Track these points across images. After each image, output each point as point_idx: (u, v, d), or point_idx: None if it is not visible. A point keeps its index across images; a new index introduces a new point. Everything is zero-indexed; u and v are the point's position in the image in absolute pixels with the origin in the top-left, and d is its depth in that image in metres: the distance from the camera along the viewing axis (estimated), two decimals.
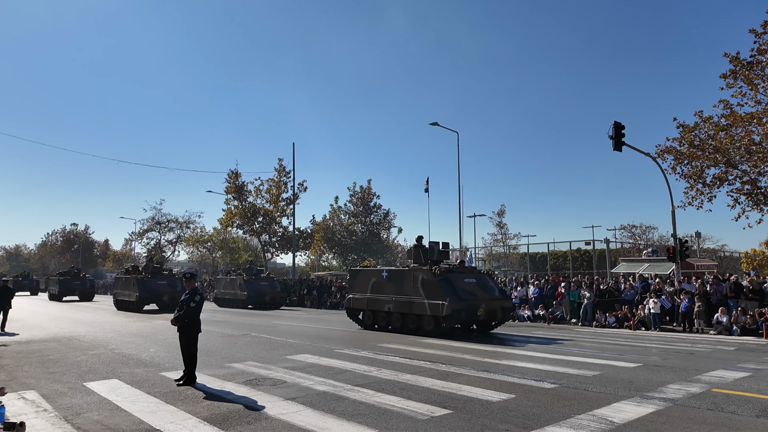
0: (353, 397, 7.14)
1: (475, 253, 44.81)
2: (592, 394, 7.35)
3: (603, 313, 19.46)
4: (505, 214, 50.04)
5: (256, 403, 6.84)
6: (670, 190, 20.50)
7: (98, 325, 18.77)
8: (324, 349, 12.19)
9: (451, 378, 8.47)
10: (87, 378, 8.66)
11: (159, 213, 65.27)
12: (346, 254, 45.18)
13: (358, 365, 9.75)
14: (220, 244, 61.18)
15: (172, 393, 7.48)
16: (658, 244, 38.85)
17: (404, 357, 10.85)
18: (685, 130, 20.97)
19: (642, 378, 8.61)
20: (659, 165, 20.80)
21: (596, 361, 10.39)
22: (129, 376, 8.75)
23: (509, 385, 7.96)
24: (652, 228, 47.87)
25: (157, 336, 15.13)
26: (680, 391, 7.61)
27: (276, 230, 47.99)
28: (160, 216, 65.24)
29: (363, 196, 45.24)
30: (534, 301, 22.36)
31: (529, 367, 9.57)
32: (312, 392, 7.43)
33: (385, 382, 8.18)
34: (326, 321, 21.36)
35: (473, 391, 7.43)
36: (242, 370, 9.30)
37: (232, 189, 46.60)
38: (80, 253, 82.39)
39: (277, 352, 11.74)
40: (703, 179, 21.04)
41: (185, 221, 65.27)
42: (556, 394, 7.33)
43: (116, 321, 20.95)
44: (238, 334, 15.54)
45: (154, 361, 10.48)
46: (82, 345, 13.12)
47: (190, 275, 8.75)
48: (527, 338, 15.01)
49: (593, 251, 33.51)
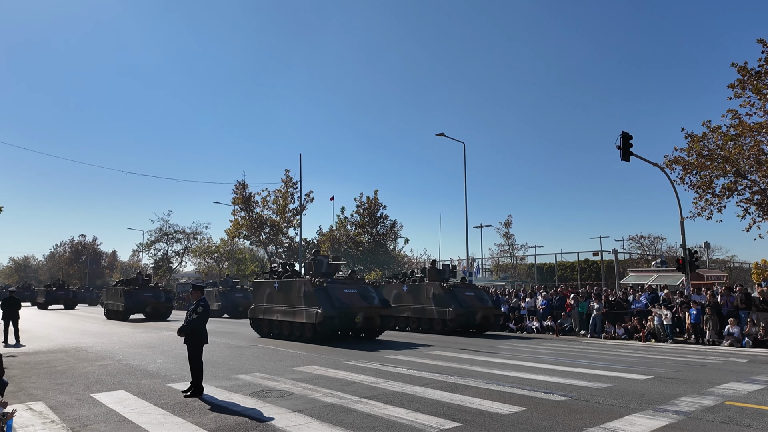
0: (361, 409, 7.08)
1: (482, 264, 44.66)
2: (603, 407, 7.25)
3: (612, 324, 19.29)
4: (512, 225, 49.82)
5: (263, 414, 6.79)
6: (679, 201, 20.41)
7: (105, 336, 18.78)
8: (331, 360, 12.13)
9: (460, 390, 8.39)
10: (94, 389, 8.64)
11: (166, 224, 65.52)
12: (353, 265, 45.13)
13: (365, 377, 9.69)
14: (227, 255, 61.33)
15: (179, 404, 7.45)
16: (667, 255, 38.55)
17: (412, 368, 10.77)
18: (694, 140, 20.88)
19: (654, 390, 8.49)
20: (668, 175, 20.71)
21: (607, 373, 10.27)
22: (136, 388, 8.72)
23: (519, 397, 7.87)
24: (661, 239, 47.48)
25: (164, 347, 15.11)
26: (693, 403, 7.49)
27: (282, 241, 48.06)
28: (167, 227, 65.48)
29: (370, 207, 45.26)
30: (542, 312, 22.20)
31: (538, 380, 9.47)
32: (320, 404, 7.38)
33: (393, 394, 8.11)
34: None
35: (482, 404, 7.35)
36: (249, 382, 9.26)
37: (239, 200, 46.77)
38: (88, 264, 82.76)
39: (284, 363, 11.69)
40: (713, 189, 20.91)
41: (192, 232, 65.52)
42: (567, 407, 7.23)
43: (123, 332, 20.96)
44: (245, 345, 15.50)
45: (161, 372, 10.46)
46: (89, 356, 13.12)
47: (195, 286, 8.76)
48: (536, 350, 14.88)
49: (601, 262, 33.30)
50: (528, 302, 23.14)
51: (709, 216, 21.03)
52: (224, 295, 33.71)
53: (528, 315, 22.54)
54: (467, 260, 31.77)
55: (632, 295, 20.55)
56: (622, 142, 19.56)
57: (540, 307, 22.45)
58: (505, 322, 22.93)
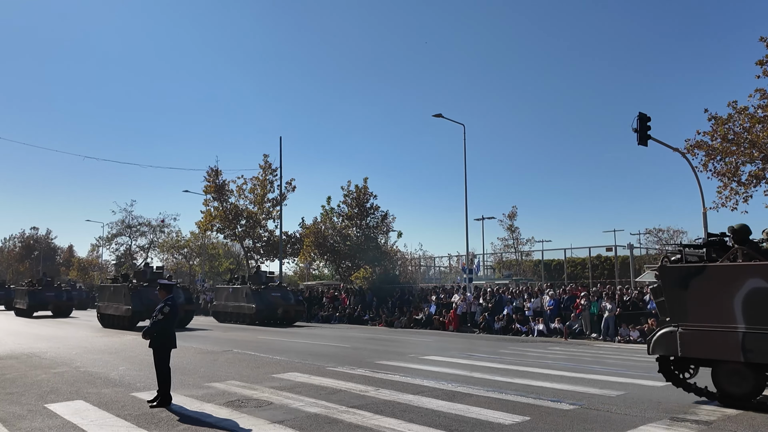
0: (348, 419, 7.11)
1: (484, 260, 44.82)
2: (616, 416, 7.33)
3: (626, 326, 19.49)
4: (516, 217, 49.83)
5: (238, 426, 6.81)
6: (701, 190, 20.56)
7: (61, 341, 18.69)
8: (315, 366, 12.17)
9: (458, 398, 8.45)
10: (49, 399, 8.61)
11: (129, 215, 65.06)
12: (340, 261, 45.10)
13: (353, 384, 9.73)
14: (198, 251, 61.14)
15: (144, 416, 7.44)
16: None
17: (405, 375, 10.83)
18: (718, 123, 21.01)
19: (672, 398, 8.60)
20: (689, 161, 20.86)
21: (620, 380, 10.39)
22: (96, 397, 8.70)
23: (523, 406, 7.94)
24: (681, 232, 47.88)
25: (127, 352, 15.07)
26: (715, 412, 7.60)
27: (261, 234, 47.91)
28: (130, 219, 65.06)
29: (358, 197, 45.16)
30: (549, 313, 22.38)
31: (545, 387, 9.56)
32: (302, 414, 7.40)
33: (383, 403, 8.16)
34: (317, 336, 21.33)
35: (483, 413, 7.41)
36: (223, 390, 9.27)
37: (212, 188, 46.48)
38: (41, 260, 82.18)
39: (263, 370, 11.71)
40: (738, 177, 21.08)
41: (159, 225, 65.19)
42: (576, 416, 7.31)
43: (81, 336, 20.87)
44: (219, 351, 15.49)
45: (124, 380, 10.44)
46: (43, 363, 13.05)
47: (162, 285, 8.73)
48: (542, 354, 15.01)
49: (615, 258, 33.57)
50: (533, 302, 23.31)
51: (734, 207, 21.24)
52: (258, 296, 28.51)
53: (533, 316, 22.70)
54: (467, 256, 31.89)
55: (649, 295, 20.75)
56: (639, 124, 19.65)
57: (547, 308, 22.62)
58: (508, 324, 23.10)
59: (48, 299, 32.77)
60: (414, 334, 23.57)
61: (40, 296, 32.72)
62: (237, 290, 30.39)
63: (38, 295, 32.88)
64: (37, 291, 32.99)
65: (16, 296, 38.19)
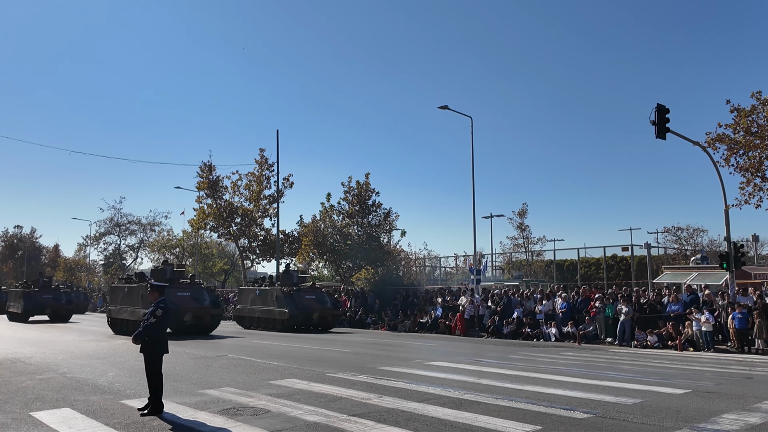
0: (350, 428, 7.12)
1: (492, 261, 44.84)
2: (633, 425, 7.33)
3: (643, 330, 19.46)
4: (527, 215, 50.04)
5: None
6: (723, 186, 20.51)
7: (47, 345, 18.76)
8: (314, 373, 12.19)
9: (465, 406, 8.46)
10: (34, 407, 8.64)
11: (118, 213, 65.43)
12: (340, 261, 45.11)
13: (355, 391, 9.74)
14: (191, 250, 61.24)
15: (134, 424, 7.46)
16: (709, 250, 38.87)
17: (409, 381, 10.85)
18: (741, 115, 20.99)
19: (691, 406, 8.60)
20: (710, 156, 20.83)
21: (637, 387, 10.38)
22: (84, 405, 8.73)
23: (534, 414, 7.94)
24: (702, 231, 47.85)
25: (117, 358, 15.12)
26: (737, 421, 7.59)
27: (257, 233, 47.98)
28: (119, 217, 65.39)
29: (360, 193, 45.15)
30: (562, 316, 22.37)
31: (557, 394, 9.56)
32: (301, 423, 7.42)
33: (387, 411, 8.17)
34: (316, 340, 21.37)
35: (491, 422, 7.41)
36: (218, 398, 9.29)
37: (205, 185, 46.54)
38: (25, 260, 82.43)
39: (259, 376, 11.74)
40: (762, 172, 21.07)
41: (149, 223, 65.42)
42: (591, 426, 7.31)
43: (68, 340, 20.95)
44: (213, 356, 15.54)
45: (113, 387, 10.47)
46: (28, 368, 13.10)
47: (153, 286, 8.70)
48: (555, 360, 15.01)
49: (632, 258, 33.51)
50: (545, 305, 23.30)
51: (758, 204, 21.24)
52: (290, 299, 26.55)
53: (545, 320, 22.69)
54: (474, 256, 31.88)
55: (667, 297, 20.70)
56: (658, 116, 19.62)
57: (559, 311, 22.60)
58: (518, 328, 23.10)
59: (45, 302, 31.60)
60: (418, 338, 23.60)
61: (36, 299, 31.52)
62: (265, 293, 28.26)
63: (34, 297, 31.69)
64: (32, 293, 31.82)
65: (9, 299, 36.65)
